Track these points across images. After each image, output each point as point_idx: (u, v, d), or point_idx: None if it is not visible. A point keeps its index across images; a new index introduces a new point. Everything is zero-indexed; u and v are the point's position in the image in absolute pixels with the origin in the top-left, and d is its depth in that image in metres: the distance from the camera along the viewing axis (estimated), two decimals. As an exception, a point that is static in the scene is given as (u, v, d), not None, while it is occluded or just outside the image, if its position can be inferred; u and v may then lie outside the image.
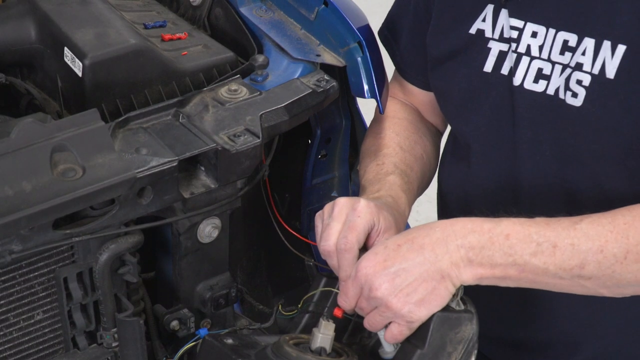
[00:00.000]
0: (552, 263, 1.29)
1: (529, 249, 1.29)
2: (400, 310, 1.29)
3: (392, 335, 1.33)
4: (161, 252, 1.58)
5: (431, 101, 1.71)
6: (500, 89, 1.50)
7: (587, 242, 1.28)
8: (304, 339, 1.39)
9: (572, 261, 1.28)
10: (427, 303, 1.30)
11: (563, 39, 1.43)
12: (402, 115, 1.70)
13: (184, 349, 1.47)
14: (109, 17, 1.59)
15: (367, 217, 1.38)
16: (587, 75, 1.40)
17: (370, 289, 1.31)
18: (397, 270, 1.29)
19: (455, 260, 1.29)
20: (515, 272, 1.30)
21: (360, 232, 1.36)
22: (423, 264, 1.29)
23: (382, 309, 1.31)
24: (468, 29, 1.53)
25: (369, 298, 1.32)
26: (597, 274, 1.29)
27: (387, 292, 1.29)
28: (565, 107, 1.43)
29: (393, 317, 1.31)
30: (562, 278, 1.30)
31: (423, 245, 1.30)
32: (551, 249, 1.28)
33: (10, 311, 1.37)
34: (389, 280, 1.29)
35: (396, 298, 1.29)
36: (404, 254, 1.30)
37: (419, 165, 1.64)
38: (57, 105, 1.58)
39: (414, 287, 1.29)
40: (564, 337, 1.61)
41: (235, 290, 1.58)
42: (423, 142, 1.68)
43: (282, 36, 1.68)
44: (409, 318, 1.30)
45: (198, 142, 1.42)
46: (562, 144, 1.45)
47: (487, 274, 1.30)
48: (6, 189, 1.25)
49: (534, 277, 1.30)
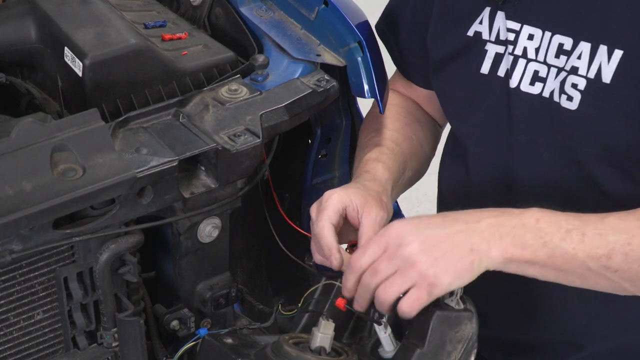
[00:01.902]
0: (581, 250, 1.29)
1: (559, 234, 1.29)
2: (427, 270, 1.27)
3: (409, 303, 1.29)
4: (161, 252, 1.58)
5: (431, 97, 1.72)
6: (497, 90, 1.50)
7: (615, 234, 1.29)
8: (303, 338, 1.39)
9: (600, 250, 1.29)
10: (452, 271, 1.28)
11: (558, 42, 1.43)
12: (395, 102, 1.71)
13: (183, 349, 1.47)
14: (109, 16, 1.59)
15: (334, 198, 1.40)
16: (582, 79, 1.40)
17: (399, 246, 1.29)
18: (429, 234, 1.29)
19: (487, 236, 1.29)
20: (545, 255, 1.29)
21: (329, 210, 1.39)
22: (455, 233, 1.29)
23: (405, 269, 1.28)
24: (466, 31, 1.54)
25: (393, 256, 1.29)
26: (624, 267, 1.29)
27: (416, 250, 1.28)
28: (560, 110, 1.43)
29: (416, 278, 1.28)
30: (589, 268, 1.30)
31: (457, 218, 1.32)
32: (580, 236, 1.29)
33: (11, 311, 1.37)
34: (420, 240, 1.29)
35: (425, 256, 1.28)
36: (438, 222, 1.31)
37: (407, 144, 1.64)
38: (57, 105, 1.59)
39: (443, 252, 1.28)
40: (563, 338, 1.61)
41: (235, 290, 1.58)
42: (414, 125, 1.69)
43: (282, 36, 1.68)
44: (433, 280, 1.28)
45: (198, 142, 1.43)
46: (558, 146, 1.45)
47: (517, 255, 1.29)
48: (6, 189, 1.26)
49: (563, 263, 1.30)
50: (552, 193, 1.48)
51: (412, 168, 1.65)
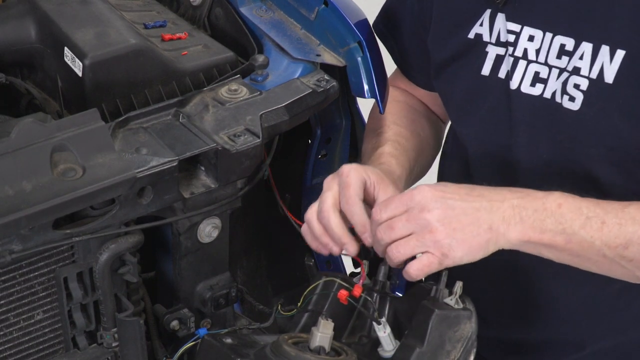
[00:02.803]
0: (599, 238, 1.30)
1: (578, 221, 1.30)
2: (443, 239, 1.28)
3: (419, 266, 1.30)
4: (161, 252, 1.58)
5: (433, 95, 1.72)
6: (498, 92, 1.50)
7: (634, 225, 1.31)
8: (303, 338, 1.39)
9: (618, 239, 1.30)
10: (467, 246, 1.29)
11: (560, 43, 1.43)
12: (400, 98, 1.72)
13: (183, 349, 1.47)
14: (109, 17, 1.59)
15: (354, 173, 1.38)
16: (584, 80, 1.40)
17: (421, 209, 1.29)
18: (453, 204, 1.29)
19: (507, 217, 1.30)
20: (563, 241, 1.31)
21: (354, 185, 1.37)
22: (478, 209, 1.30)
23: (422, 234, 1.29)
24: (467, 33, 1.54)
25: (413, 218, 1.29)
26: (639, 257, 1.31)
27: (437, 217, 1.28)
28: (562, 111, 1.43)
29: (431, 245, 1.29)
30: (605, 256, 1.31)
31: (482, 194, 1.32)
32: (599, 225, 1.30)
33: (11, 311, 1.37)
34: (443, 208, 1.29)
35: (443, 226, 1.28)
36: (463, 195, 1.31)
37: (416, 140, 1.65)
38: (57, 105, 1.59)
39: (463, 225, 1.29)
40: (563, 338, 1.61)
41: (235, 290, 1.58)
42: (420, 121, 1.70)
43: (282, 36, 1.68)
44: (446, 250, 1.28)
45: (198, 142, 1.43)
46: (559, 147, 1.45)
47: (535, 238, 1.30)
48: (6, 189, 1.26)
49: (580, 249, 1.31)
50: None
51: (420, 164, 1.66)
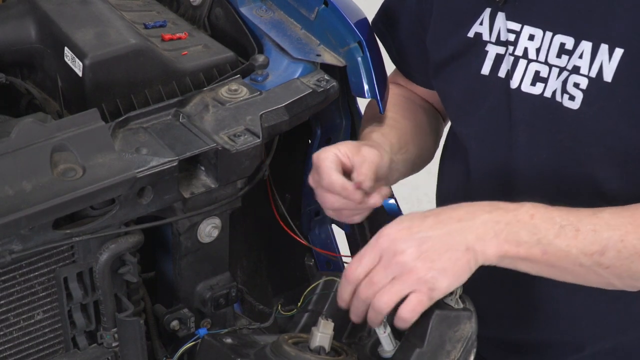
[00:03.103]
0: (575, 246, 1.29)
1: (552, 230, 1.29)
2: (425, 275, 1.27)
3: (410, 307, 1.29)
4: (161, 252, 1.58)
5: (433, 94, 1.72)
6: (498, 91, 1.50)
7: (609, 230, 1.30)
8: (303, 338, 1.39)
9: (594, 246, 1.29)
10: (450, 273, 1.28)
11: (560, 42, 1.43)
12: (396, 91, 1.72)
13: (183, 349, 1.47)
14: (109, 17, 1.59)
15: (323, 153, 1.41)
16: (584, 79, 1.40)
17: (394, 254, 1.28)
18: (423, 237, 1.29)
19: (481, 234, 1.29)
20: (539, 252, 1.30)
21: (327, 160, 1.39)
22: (449, 233, 1.29)
23: (403, 276, 1.28)
24: (466, 32, 1.54)
25: (390, 265, 1.28)
26: (616, 263, 1.30)
27: (412, 256, 1.27)
28: (562, 110, 1.43)
29: (415, 284, 1.28)
30: (582, 264, 1.30)
31: (450, 217, 1.31)
32: (574, 233, 1.29)
33: (11, 311, 1.37)
34: (415, 245, 1.28)
35: (422, 262, 1.27)
36: (431, 223, 1.30)
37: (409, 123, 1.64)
38: (57, 105, 1.58)
39: (439, 254, 1.28)
40: (563, 338, 1.61)
41: (235, 290, 1.58)
42: (416, 110, 1.69)
43: (282, 36, 1.68)
44: (432, 284, 1.27)
45: (198, 142, 1.43)
46: (559, 147, 1.45)
47: (512, 252, 1.30)
48: (6, 189, 1.26)
49: (556, 260, 1.30)
50: (552, 193, 1.48)
51: (416, 144, 1.64)
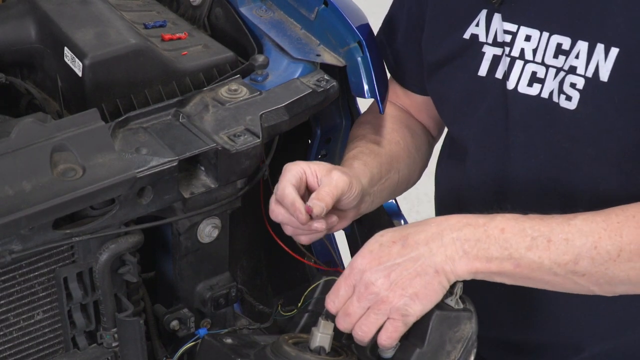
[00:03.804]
0: (547, 257, 1.29)
1: (524, 243, 1.29)
2: (398, 303, 1.29)
3: (387, 335, 1.31)
4: (161, 252, 1.58)
5: (424, 104, 1.71)
6: (495, 93, 1.50)
7: (581, 238, 1.29)
8: (303, 338, 1.39)
9: (567, 256, 1.29)
10: (421, 297, 1.29)
11: (557, 42, 1.43)
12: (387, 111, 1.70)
13: (183, 349, 1.47)
14: (109, 17, 1.59)
15: (291, 166, 1.41)
16: (580, 79, 1.40)
17: (365, 286, 1.30)
18: (391, 265, 1.30)
19: (450, 254, 1.29)
20: (511, 266, 1.30)
21: (288, 175, 1.39)
22: (417, 258, 1.29)
23: (377, 306, 1.30)
24: (462, 34, 1.54)
25: (362, 296, 1.31)
26: (591, 270, 1.29)
27: (383, 286, 1.29)
28: (559, 111, 1.43)
29: (388, 312, 1.30)
30: (556, 274, 1.30)
31: (418, 241, 1.30)
32: (546, 243, 1.29)
33: (10, 311, 1.37)
34: (384, 275, 1.29)
35: (392, 292, 1.29)
36: (399, 250, 1.30)
37: (394, 147, 1.63)
38: (57, 105, 1.59)
39: (410, 280, 1.29)
40: (563, 339, 1.61)
41: (235, 290, 1.58)
42: (402, 132, 1.68)
43: (282, 36, 1.68)
44: (405, 311, 1.29)
45: (198, 142, 1.43)
46: (555, 147, 1.45)
47: (483, 268, 1.30)
48: (6, 189, 1.26)
49: (529, 272, 1.30)
50: (549, 194, 1.48)
51: (399, 170, 1.64)
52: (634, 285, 1.32)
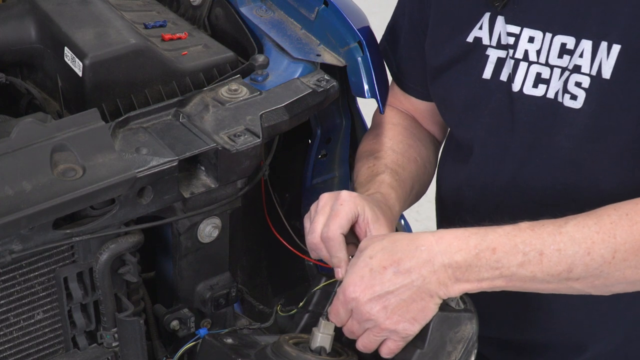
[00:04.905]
0: (540, 271, 1.29)
1: (515, 260, 1.30)
2: (395, 327, 1.31)
3: (388, 350, 1.34)
4: (161, 252, 1.58)
5: (428, 110, 1.71)
6: (500, 95, 1.50)
7: (574, 246, 1.29)
8: (303, 338, 1.39)
9: (560, 267, 1.29)
10: (419, 319, 1.32)
11: (561, 42, 1.43)
12: (397, 121, 1.71)
13: (183, 349, 1.47)
14: (109, 17, 1.59)
15: (349, 205, 1.39)
16: (586, 77, 1.40)
17: (362, 314, 1.32)
18: (385, 294, 1.30)
19: (443, 280, 1.30)
20: (503, 282, 1.32)
21: (342, 218, 1.38)
22: (411, 286, 1.30)
23: (376, 330, 1.33)
24: (465, 37, 1.54)
25: (362, 322, 1.33)
26: (585, 275, 1.30)
27: (380, 315, 1.31)
28: (564, 110, 1.43)
29: (388, 334, 1.33)
30: (550, 282, 1.31)
31: (409, 268, 1.30)
32: (538, 257, 1.29)
33: (11, 311, 1.37)
34: (380, 305, 1.31)
35: (389, 320, 1.31)
36: (391, 278, 1.31)
37: (413, 167, 1.64)
38: (57, 105, 1.59)
39: (405, 307, 1.31)
40: (564, 339, 1.61)
41: (235, 290, 1.58)
42: (417, 147, 1.69)
43: (282, 36, 1.68)
44: (403, 333, 1.32)
45: (198, 142, 1.43)
46: (559, 147, 1.45)
47: (474, 288, 1.32)
48: (6, 189, 1.25)
49: (522, 284, 1.32)
50: (554, 194, 1.48)
51: (416, 192, 1.67)
52: (631, 283, 1.32)
